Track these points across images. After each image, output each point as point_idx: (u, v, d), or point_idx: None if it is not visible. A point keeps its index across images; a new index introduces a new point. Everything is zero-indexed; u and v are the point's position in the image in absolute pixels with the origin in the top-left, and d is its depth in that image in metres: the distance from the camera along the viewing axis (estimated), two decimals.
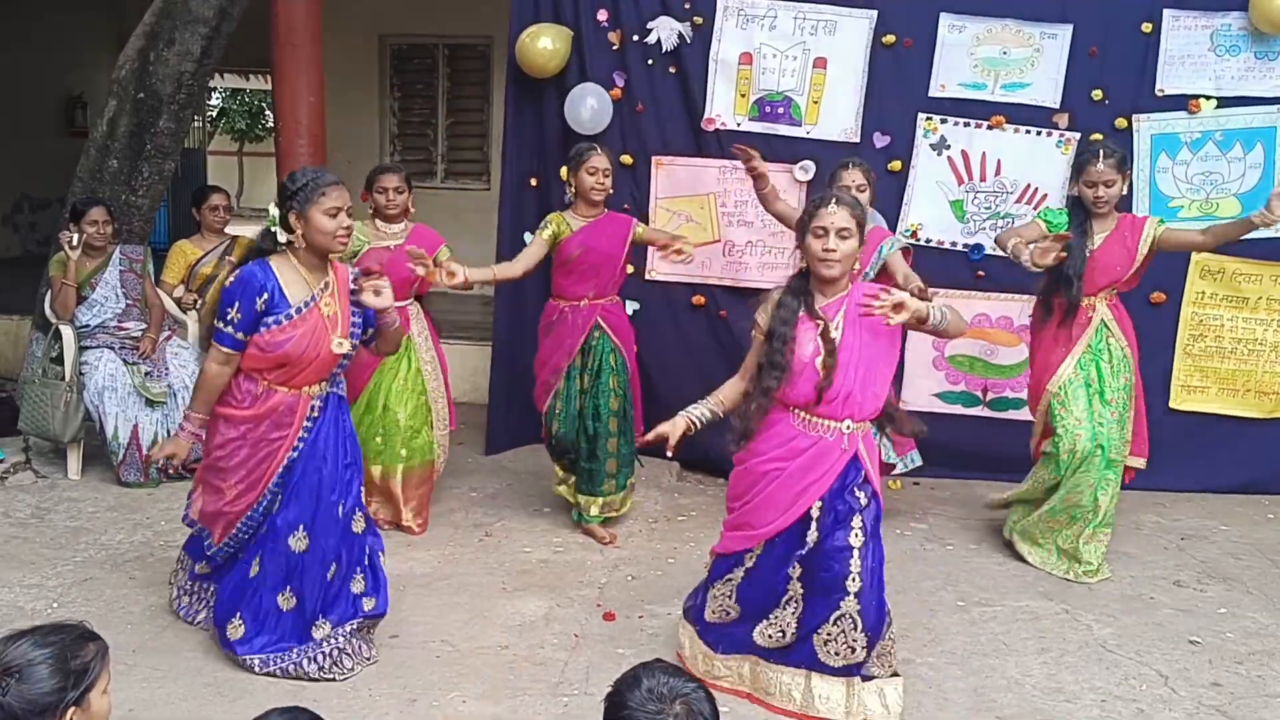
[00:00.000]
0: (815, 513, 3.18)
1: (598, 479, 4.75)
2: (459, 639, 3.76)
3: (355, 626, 3.51)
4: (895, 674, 3.35)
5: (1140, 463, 4.64)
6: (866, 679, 3.27)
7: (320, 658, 3.45)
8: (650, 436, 3.28)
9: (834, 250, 3.06)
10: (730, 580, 3.39)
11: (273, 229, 3.33)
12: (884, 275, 4.45)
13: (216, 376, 3.36)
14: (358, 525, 3.53)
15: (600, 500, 4.78)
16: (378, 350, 3.62)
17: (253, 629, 3.45)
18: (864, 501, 3.18)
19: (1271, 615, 4.13)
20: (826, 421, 3.15)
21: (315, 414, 3.40)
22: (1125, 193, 4.45)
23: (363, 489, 3.61)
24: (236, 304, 3.27)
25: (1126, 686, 3.55)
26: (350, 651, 3.49)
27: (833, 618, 3.18)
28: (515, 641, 3.76)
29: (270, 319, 3.27)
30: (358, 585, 3.55)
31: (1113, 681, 3.58)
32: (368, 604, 3.55)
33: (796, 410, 3.19)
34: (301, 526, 3.41)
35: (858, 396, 3.12)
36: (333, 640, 3.46)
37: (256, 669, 3.43)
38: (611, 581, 4.34)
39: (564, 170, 4.65)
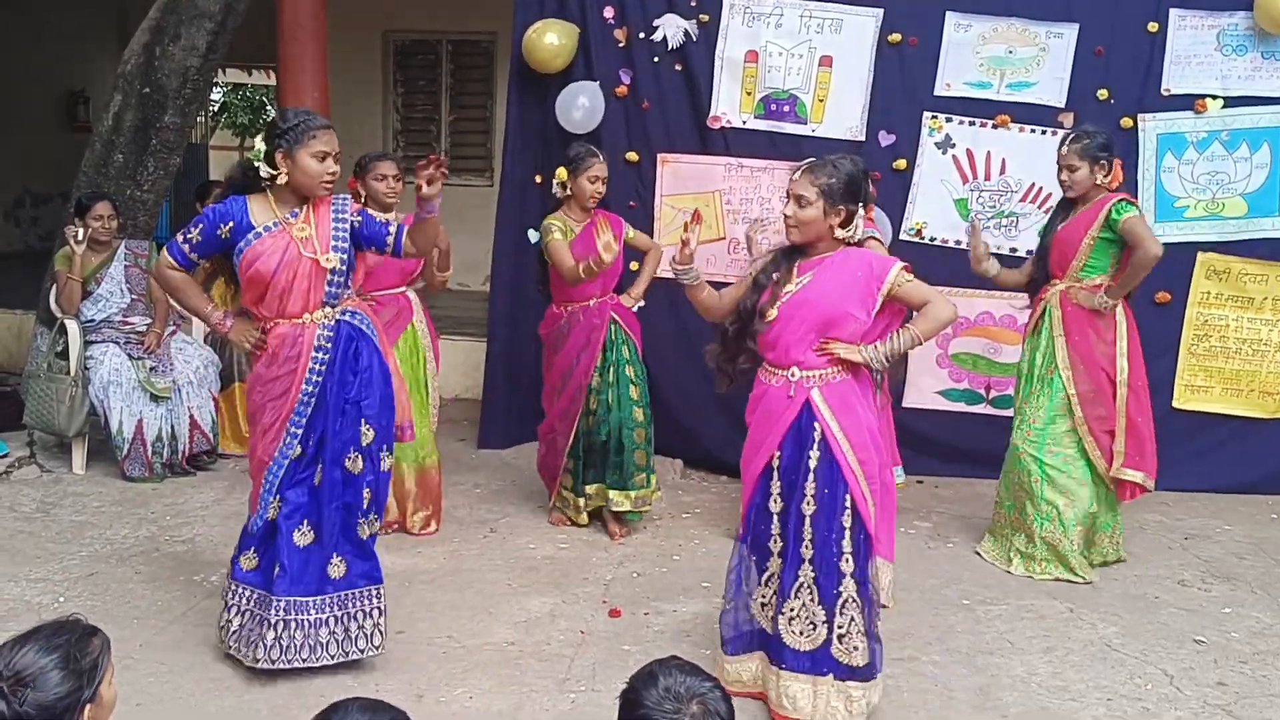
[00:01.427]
0: (775, 463, 3.20)
1: (628, 472, 4.72)
2: (465, 635, 3.77)
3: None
4: (869, 678, 3.21)
5: (1133, 475, 4.46)
6: (841, 679, 3.17)
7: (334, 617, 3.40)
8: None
9: (789, 216, 3.16)
10: (739, 559, 3.35)
11: (256, 163, 3.30)
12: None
13: (171, 275, 3.37)
14: (351, 465, 3.39)
15: (634, 494, 4.74)
16: (413, 244, 3.48)
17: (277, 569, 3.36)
18: (813, 462, 3.12)
19: (1276, 615, 4.14)
20: (776, 369, 3.19)
21: (327, 345, 3.32)
22: (1099, 181, 4.31)
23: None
24: (200, 226, 3.32)
25: (1132, 685, 3.55)
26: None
27: (794, 589, 3.16)
28: (521, 638, 3.77)
29: (241, 243, 3.28)
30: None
31: (1118, 680, 3.58)
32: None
33: (764, 359, 3.25)
34: (318, 461, 3.36)
35: (800, 346, 3.13)
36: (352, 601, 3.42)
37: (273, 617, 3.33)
38: (617, 578, 4.35)
39: (563, 171, 4.61)
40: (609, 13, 5.61)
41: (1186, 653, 3.80)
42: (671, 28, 5.55)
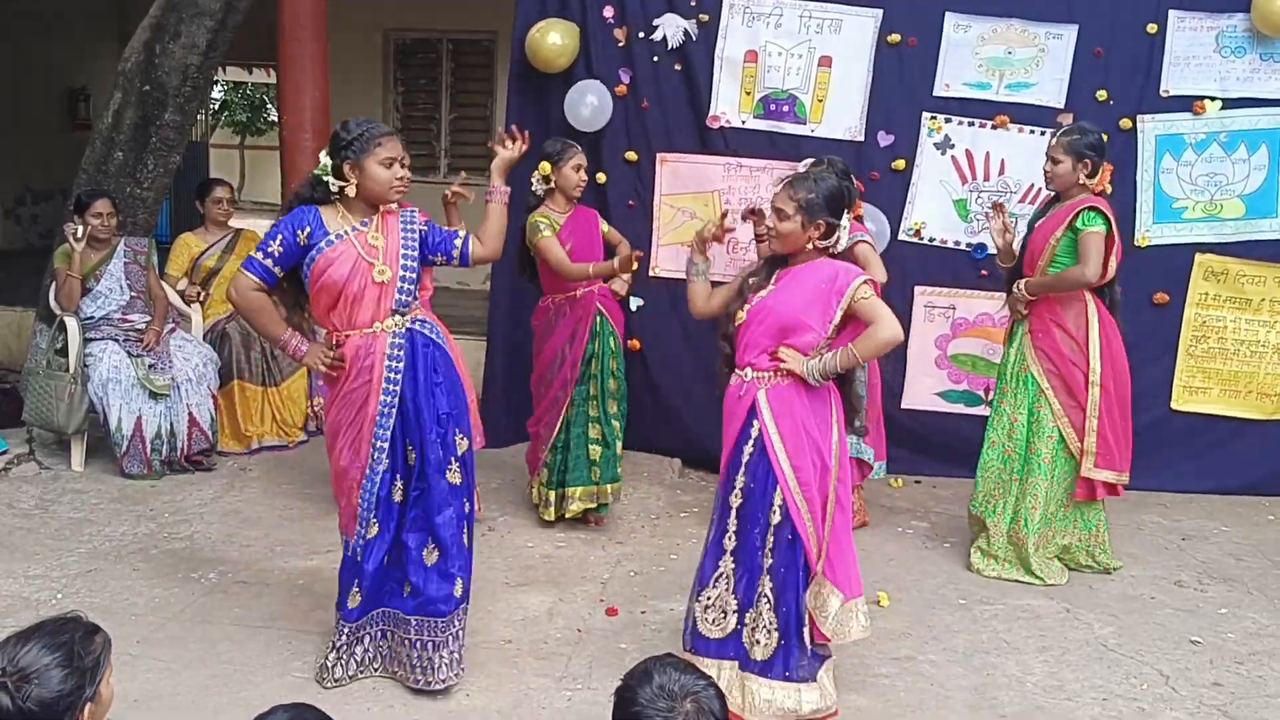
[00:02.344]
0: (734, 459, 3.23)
1: (615, 463, 4.78)
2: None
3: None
4: (774, 675, 3.20)
5: (1105, 475, 4.38)
6: (743, 670, 3.21)
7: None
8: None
9: (770, 229, 3.23)
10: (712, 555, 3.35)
11: (324, 178, 3.29)
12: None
13: (253, 298, 3.28)
14: (453, 477, 3.38)
15: (614, 487, 4.82)
16: (483, 246, 3.45)
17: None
18: (745, 456, 3.17)
19: (1272, 616, 4.14)
20: (738, 369, 3.26)
21: (399, 354, 3.29)
22: (1082, 180, 4.24)
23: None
24: (279, 236, 3.24)
25: (1128, 685, 3.56)
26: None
27: (713, 578, 3.23)
28: (519, 636, 3.78)
29: (314, 250, 3.23)
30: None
31: (1114, 680, 3.59)
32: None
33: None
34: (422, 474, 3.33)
35: (755, 349, 3.18)
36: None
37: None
38: (614, 577, 4.35)
39: (546, 165, 4.63)
40: (609, 12, 5.61)
41: (1182, 653, 3.81)
42: (671, 27, 5.56)
